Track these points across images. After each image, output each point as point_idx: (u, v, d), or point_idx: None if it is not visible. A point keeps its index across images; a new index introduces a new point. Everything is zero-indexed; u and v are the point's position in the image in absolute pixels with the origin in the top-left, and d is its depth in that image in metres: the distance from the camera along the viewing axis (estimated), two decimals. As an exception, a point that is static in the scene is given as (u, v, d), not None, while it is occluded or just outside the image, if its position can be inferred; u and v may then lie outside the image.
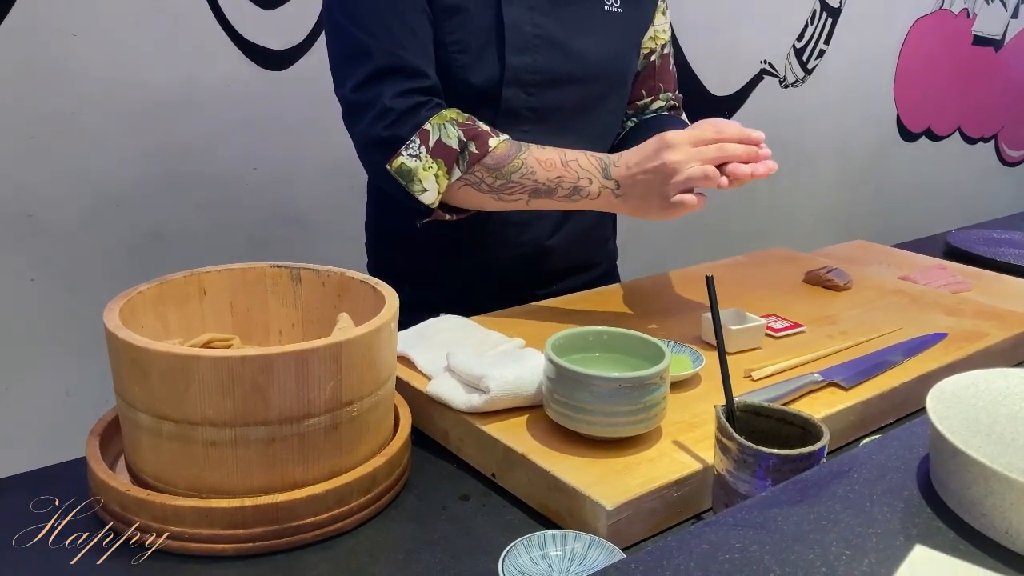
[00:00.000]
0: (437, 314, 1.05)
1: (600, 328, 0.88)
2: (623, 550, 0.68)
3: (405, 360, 0.94)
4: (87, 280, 1.53)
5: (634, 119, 1.27)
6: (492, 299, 1.16)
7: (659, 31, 1.25)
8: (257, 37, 1.62)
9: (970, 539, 0.52)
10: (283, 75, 1.67)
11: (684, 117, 1.33)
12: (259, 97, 1.65)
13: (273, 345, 0.81)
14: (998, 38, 3.43)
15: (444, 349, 0.91)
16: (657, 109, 1.28)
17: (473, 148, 1.01)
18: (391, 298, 0.81)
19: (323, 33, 1.68)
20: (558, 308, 1.14)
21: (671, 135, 0.97)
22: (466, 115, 1.03)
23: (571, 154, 1.02)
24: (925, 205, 3.36)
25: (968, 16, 3.26)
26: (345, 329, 0.80)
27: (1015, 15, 3.45)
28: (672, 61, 1.29)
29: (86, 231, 1.52)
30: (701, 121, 1.01)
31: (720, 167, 0.97)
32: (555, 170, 1.01)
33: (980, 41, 3.35)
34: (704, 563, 0.49)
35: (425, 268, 1.22)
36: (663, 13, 1.25)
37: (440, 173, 1.01)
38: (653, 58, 1.25)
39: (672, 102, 1.29)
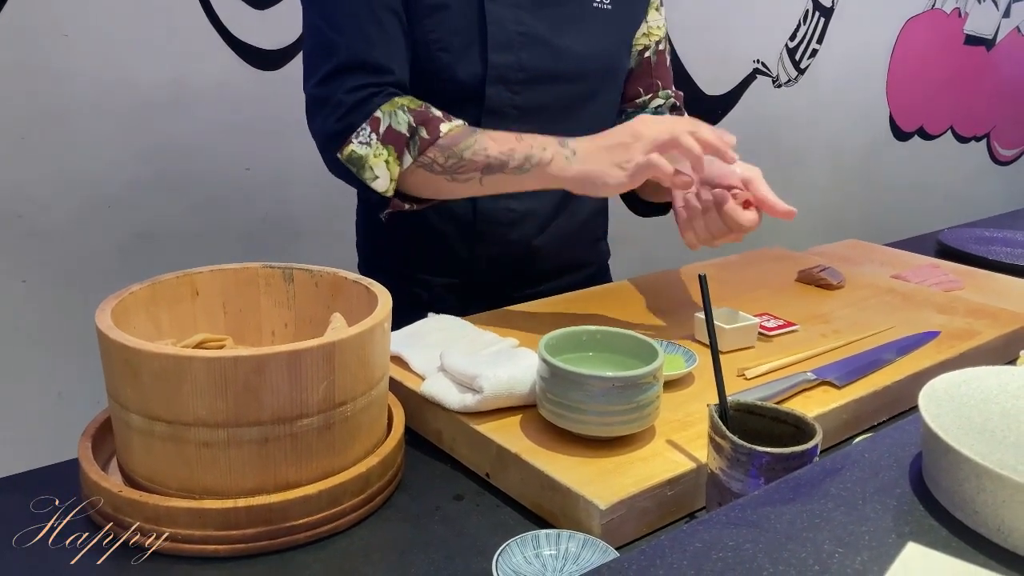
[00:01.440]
0: (426, 313, 1.05)
1: (593, 328, 0.88)
2: (617, 549, 0.68)
3: (398, 360, 0.94)
4: (79, 281, 1.52)
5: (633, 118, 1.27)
6: (481, 299, 1.16)
7: (653, 27, 1.24)
8: (249, 37, 1.62)
9: (962, 536, 0.52)
10: (275, 75, 1.67)
11: (685, 116, 1.32)
12: (252, 97, 1.64)
13: (266, 345, 0.81)
14: (990, 37, 3.44)
15: (437, 349, 0.91)
16: (657, 107, 1.27)
17: (424, 133, 1.00)
18: (384, 298, 0.81)
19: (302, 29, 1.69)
20: (551, 308, 1.14)
21: (643, 115, 0.98)
22: (420, 102, 1.02)
23: (530, 135, 1.00)
24: (918, 204, 3.37)
25: (960, 15, 3.27)
26: (338, 329, 0.80)
27: (1007, 14, 3.46)
28: (668, 58, 1.29)
29: (77, 232, 1.51)
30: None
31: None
32: (508, 143, 0.99)
33: (972, 40, 3.36)
34: (697, 562, 0.49)
35: (413, 266, 1.22)
36: (657, 9, 1.24)
37: (391, 159, 1.00)
38: (648, 55, 1.25)
39: (672, 100, 1.29)
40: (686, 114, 1.32)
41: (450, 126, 1.00)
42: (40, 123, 1.44)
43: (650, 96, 1.27)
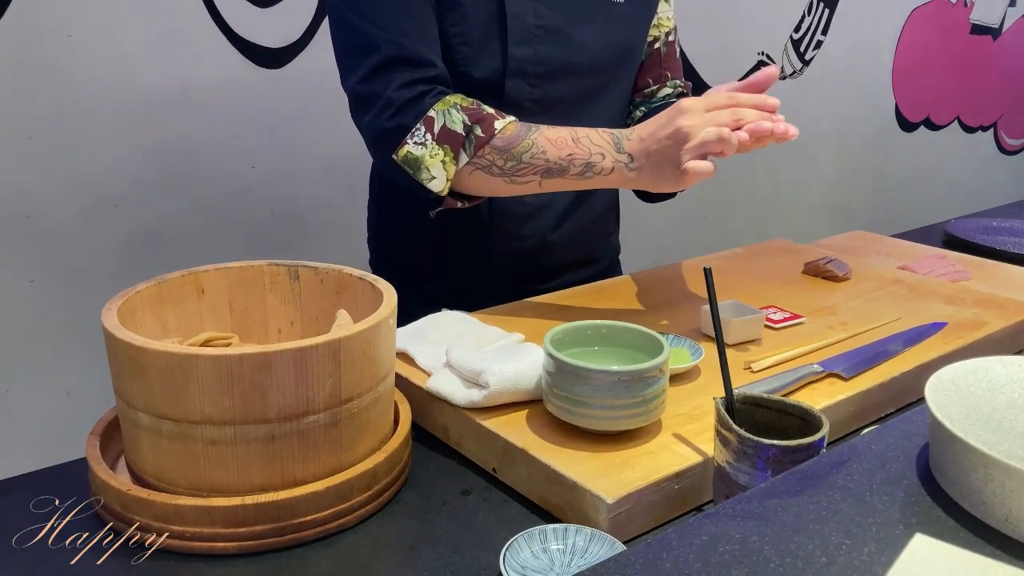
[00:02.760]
0: (439, 309, 1.05)
1: (599, 322, 0.88)
2: (624, 543, 0.68)
3: (404, 356, 0.94)
4: (86, 280, 1.53)
5: (642, 108, 1.26)
6: (494, 294, 1.16)
7: (663, 18, 1.24)
8: (253, 35, 1.62)
9: (970, 527, 0.52)
10: (280, 73, 1.67)
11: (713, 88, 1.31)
12: (256, 95, 1.64)
13: (272, 343, 0.81)
14: (996, 26, 3.42)
15: (443, 345, 0.91)
16: (665, 96, 1.27)
17: (479, 131, 1.00)
18: (389, 294, 0.81)
19: (319, 30, 1.69)
20: (556, 303, 1.14)
21: (685, 102, 0.96)
22: (471, 100, 1.02)
23: (582, 131, 1.01)
24: (924, 194, 3.36)
25: (966, 5, 3.25)
26: (344, 326, 0.80)
27: (1013, 3, 3.44)
28: (678, 48, 1.29)
29: (84, 231, 1.52)
30: (714, 88, 1.00)
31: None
32: (567, 148, 0.99)
33: (978, 30, 3.34)
34: (704, 555, 0.49)
35: (427, 262, 1.22)
36: (667, 0, 1.25)
37: (447, 159, 1.00)
38: (657, 45, 1.24)
39: (680, 89, 1.28)
40: None
41: (504, 123, 1.00)
42: (46, 123, 1.44)
43: (658, 86, 1.26)
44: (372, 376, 0.75)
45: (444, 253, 1.21)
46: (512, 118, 1.02)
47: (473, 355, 0.86)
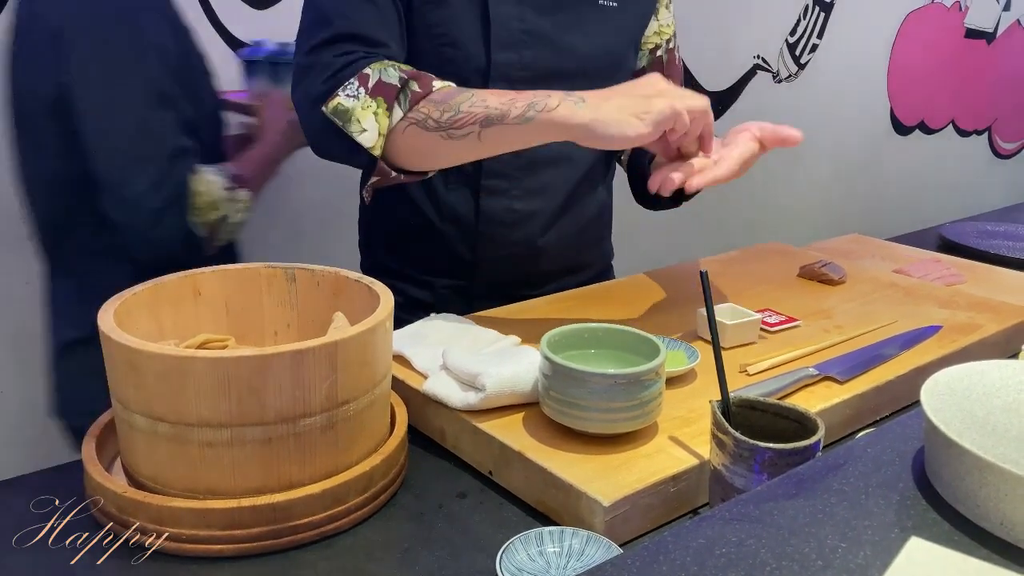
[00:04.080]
0: (429, 314, 1.05)
1: (595, 324, 0.88)
2: (620, 546, 0.69)
3: (401, 359, 0.94)
4: (82, 282, 1.52)
5: None
6: (484, 300, 1.16)
7: (664, 26, 1.24)
8: (249, 37, 1.61)
9: (965, 530, 0.52)
10: (276, 75, 1.66)
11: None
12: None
13: (269, 345, 0.81)
14: (990, 31, 3.43)
15: (440, 348, 0.91)
16: None
17: (415, 87, 0.95)
18: (386, 297, 0.81)
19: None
20: (553, 305, 1.14)
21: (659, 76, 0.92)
22: (411, 67, 0.98)
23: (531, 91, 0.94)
24: (919, 198, 3.37)
25: (960, 9, 3.27)
26: (340, 328, 0.80)
27: (1007, 8, 3.45)
28: (678, 56, 1.28)
29: (80, 233, 1.51)
30: None
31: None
32: (508, 95, 0.92)
33: (972, 34, 3.36)
34: (700, 558, 0.49)
35: (417, 269, 1.22)
36: (667, 7, 1.24)
37: (380, 111, 0.93)
38: (659, 53, 1.24)
39: None
40: None
41: (442, 84, 0.96)
42: (41, 125, 1.44)
43: None
44: (369, 379, 0.75)
45: (434, 260, 1.21)
46: (452, 83, 0.97)
47: (469, 358, 0.86)
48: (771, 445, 0.66)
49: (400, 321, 0.99)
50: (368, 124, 0.94)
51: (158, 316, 0.83)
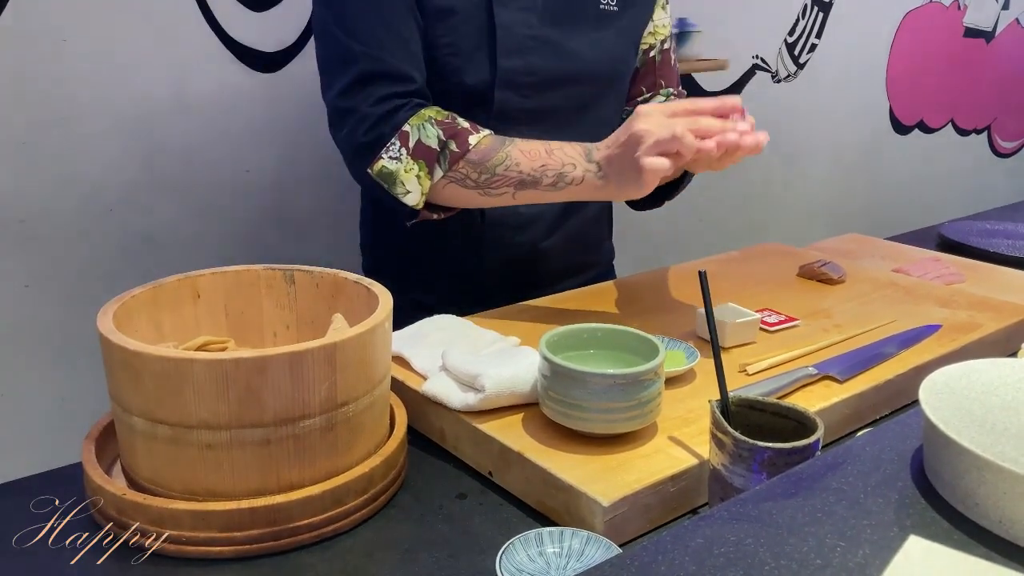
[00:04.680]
0: (431, 315, 1.05)
1: (594, 325, 0.88)
2: (620, 546, 0.69)
3: (400, 360, 0.94)
4: (81, 285, 1.53)
5: None
6: (487, 302, 1.16)
7: (659, 26, 1.24)
8: (248, 39, 1.62)
9: (964, 529, 0.52)
10: (274, 77, 1.66)
11: (684, 97, 1.31)
12: (251, 100, 1.64)
13: (268, 347, 0.81)
14: (989, 30, 3.43)
15: (439, 348, 0.91)
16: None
17: (454, 147, 1.01)
18: (385, 298, 0.81)
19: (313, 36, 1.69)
20: (552, 306, 1.14)
21: (644, 107, 0.95)
22: (446, 112, 1.03)
23: (555, 144, 1.01)
24: (918, 197, 3.37)
25: (959, 8, 3.27)
26: (339, 330, 0.80)
27: (1006, 6, 3.45)
28: (673, 56, 1.28)
29: (79, 236, 1.51)
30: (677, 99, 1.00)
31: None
32: (539, 159, 1.00)
33: (971, 33, 3.36)
34: (699, 557, 0.49)
35: (420, 270, 1.22)
36: (663, 8, 1.24)
37: (422, 174, 1.01)
38: (652, 54, 1.24)
39: (674, 97, 1.28)
40: None
41: (478, 138, 1.01)
42: (40, 128, 1.44)
43: (652, 95, 1.26)
44: (368, 380, 0.75)
45: (437, 262, 1.21)
46: (487, 132, 1.03)
47: (469, 359, 0.86)
48: (770, 445, 0.66)
49: (400, 323, 1.00)
50: (411, 186, 1.02)
51: (157, 319, 0.83)
